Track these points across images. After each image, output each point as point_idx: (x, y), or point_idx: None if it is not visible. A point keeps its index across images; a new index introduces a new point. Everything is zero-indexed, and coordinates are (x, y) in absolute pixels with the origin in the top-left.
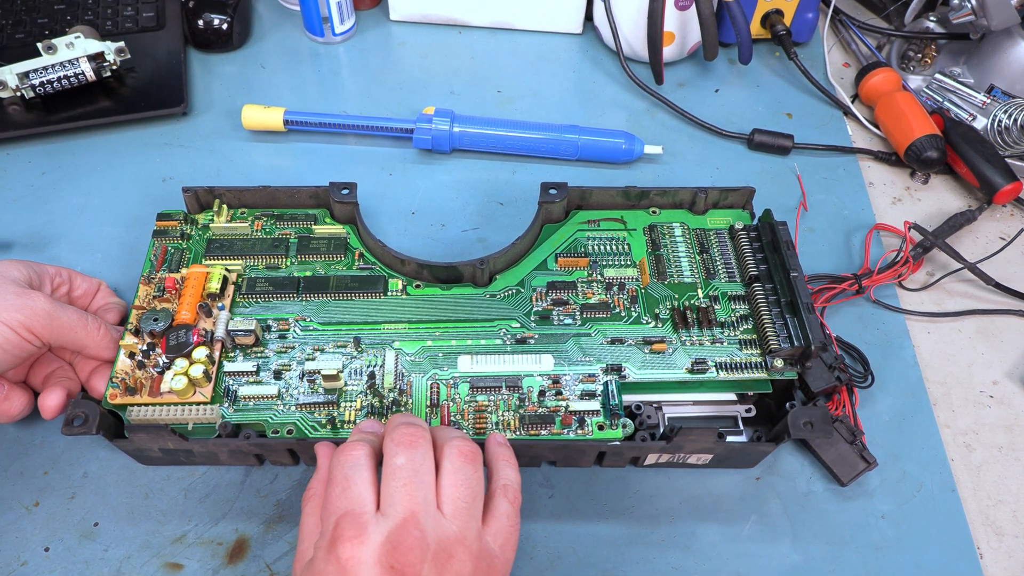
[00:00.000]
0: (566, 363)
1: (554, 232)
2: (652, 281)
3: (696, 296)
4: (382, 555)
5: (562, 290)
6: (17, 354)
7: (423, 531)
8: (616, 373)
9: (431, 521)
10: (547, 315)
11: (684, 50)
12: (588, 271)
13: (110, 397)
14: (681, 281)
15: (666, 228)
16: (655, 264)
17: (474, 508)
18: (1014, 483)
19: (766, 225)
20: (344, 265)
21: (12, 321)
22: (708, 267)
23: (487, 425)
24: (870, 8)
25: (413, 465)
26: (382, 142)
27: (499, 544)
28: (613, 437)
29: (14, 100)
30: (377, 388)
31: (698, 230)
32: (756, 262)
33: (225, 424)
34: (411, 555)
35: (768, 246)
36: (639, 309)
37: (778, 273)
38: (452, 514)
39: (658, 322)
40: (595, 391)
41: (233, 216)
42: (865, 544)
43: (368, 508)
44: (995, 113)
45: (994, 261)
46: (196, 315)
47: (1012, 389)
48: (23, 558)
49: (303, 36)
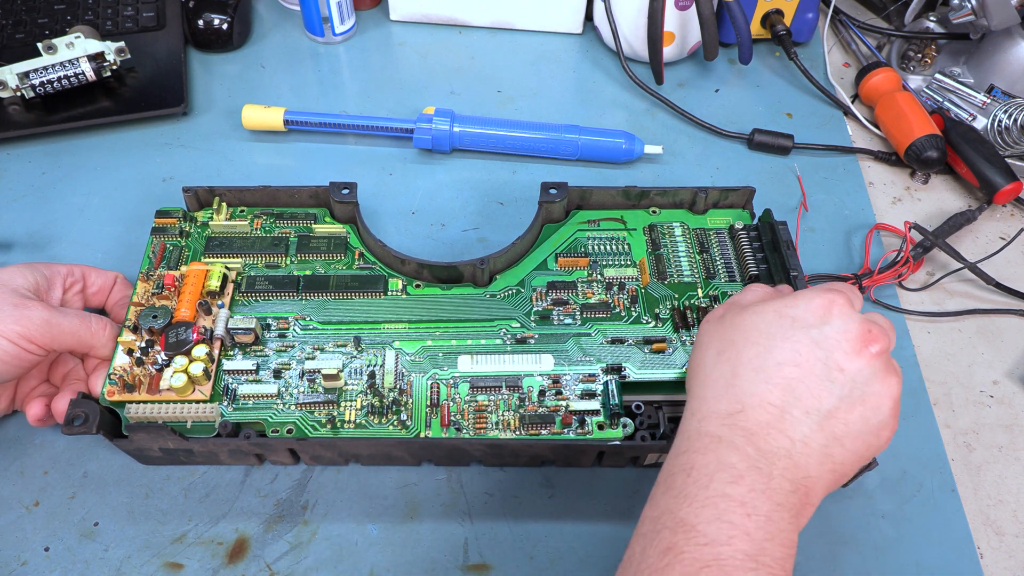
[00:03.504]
0: (566, 363)
1: (554, 232)
2: (652, 281)
3: (696, 296)
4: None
5: (562, 290)
6: (19, 364)
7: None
8: (616, 373)
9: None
10: (547, 315)
11: (684, 50)
12: (588, 271)
13: (108, 394)
14: (681, 281)
15: (666, 228)
16: (655, 264)
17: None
18: (1014, 483)
19: (766, 225)
20: (344, 264)
21: (9, 333)
22: (708, 267)
23: (487, 425)
24: (870, 8)
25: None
26: (382, 142)
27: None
28: (613, 437)
29: (14, 100)
30: (377, 388)
31: (698, 230)
32: (756, 262)
33: (225, 423)
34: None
35: (768, 246)
36: (639, 309)
37: (778, 273)
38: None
39: (658, 322)
40: (595, 391)
41: (232, 214)
42: (865, 544)
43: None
44: (995, 113)
45: (994, 261)
46: (196, 313)
47: (1012, 389)
48: (23, 558)
49: (303, 36)
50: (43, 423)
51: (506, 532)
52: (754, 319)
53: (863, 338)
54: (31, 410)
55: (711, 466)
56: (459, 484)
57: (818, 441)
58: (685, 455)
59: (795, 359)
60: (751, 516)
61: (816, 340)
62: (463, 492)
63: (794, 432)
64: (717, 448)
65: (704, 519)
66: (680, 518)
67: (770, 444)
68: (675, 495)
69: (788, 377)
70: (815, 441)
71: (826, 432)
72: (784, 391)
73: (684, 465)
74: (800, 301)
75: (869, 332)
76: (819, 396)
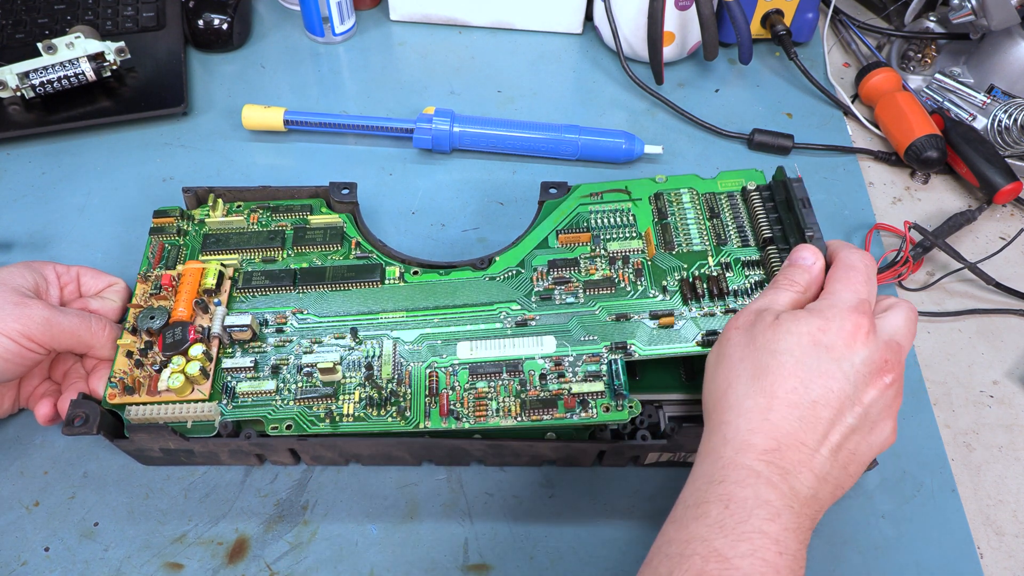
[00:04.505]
0: (568, 344)
1: (555, 208)
2: (658, 252)
3: (707, 264)
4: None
5: (564, 268)
6: (20, 363)
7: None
8: (622, 351)
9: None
10: (548, 295)
11: (684, 50)
12: (591, 246)
13: (109, 397)
14: (690, 250)
15: (673, 195)
16: (661, 234)
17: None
18: (1014, 483)
19: (779, 184)
20: (340, 255)
21: (10, 331)
22: (719, 233)
23: (487, 412)
24: (870, 8)
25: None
26: (382, 142)
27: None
28: (619, 419)
29: (14, 100)
30: (375, 379)
31: (707, 194)
32: (770, 223)
33: (225, 423)
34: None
35: (782, 205)
36: (645, 282)
37: (794, 234)
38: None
39: (666, 295)
40: (599, 371)
41: (229, 210)
42: (865, 544)
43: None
44: (995, 113)
45: (994, 261)
46: (193, 312)
47: (1012, 389)
48: (23, 558)
49: (303, 36)
50: (53, 422)
51: (506, 532)
52: (788, 342)
53: (881, 369)
54: (40, 410)
55: (750, 501)
56: (459, 484)
57: (833, 474)
58: (722, 485)
59: (827, 397)
60: (782, 555)
61: (847, 374)
62: (463, 492)
63: (820, 470)
64: (756, 483)
65: (739, 553)
66: (714, 548)
67: (801, 483)
68: (709, 524)
69: (820, 417)
70: (832, 475)
71: (838, 463)
72: (815, 430)
73: (721, 495)
74: (832, 325)
75: (886, 363)
76: (842, 432)
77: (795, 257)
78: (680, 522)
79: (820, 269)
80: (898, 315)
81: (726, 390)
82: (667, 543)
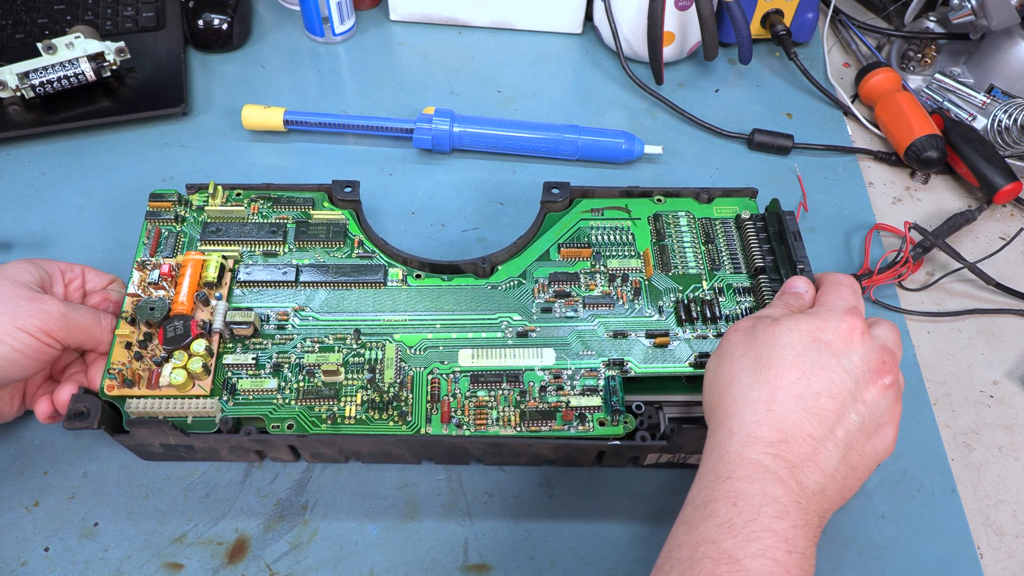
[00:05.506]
0: (567, 357)
1: (557, 221)
2: (656, 272)
3: (700, 288)
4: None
5: (564, 282)
6: (38, 358)
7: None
8: (618, 368)
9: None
10: (549, 308)
11: (684, 50)
12: (591, 262)
13: (107, 388)
14: (686, 272)
15: (671, 217)
16: (659, 255)
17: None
18: (1014, 483)
19: (773, 215)
20: (343, 253)
21: (29, 327)
22: (713, 258)
23: (487, 421)
24: (870, 8)
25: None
26: (382, 142)
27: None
28: (614, 434)
29: (14, 100)
30: (377, 382)
31: (704, 219)
32: (762, 253)
33: (226, 420)
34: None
35: (775, 236)
36: (642, 301)
37: (785, 266)
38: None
39: (662, 315)
40: (597, 386)
41: (228, 198)
42: (865, 544)
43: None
44: (995, 113)
45: (994, 261)
46: (193, 305)
47: (1012, 389)
48: (23, 558)
49: (303, 36)
50: (53, 419)
51: (506, 532)
52: (789, 337)
53: (880, 369)
54: (39, 408)
55: (757, 498)
56: (459, 484)
57: (841, 473)
58: (728, 481)
59: (831, 389)
60: (792, 553)
61: (847, 369)
62: (463, 492)
63: (826, 466)
64: (763, 479)
65: (749, 554)
66: (724, 549)
67: (808, 478)
68: (718, 524)
69: (824, 408)
70: (839, 474)
71: (846, 464)
72: (820, 422)
73: (728, 492)
74: (829, 324)
75: (884, 363)
76: (847, 429)
77: (789, 286)
78: (689, 523)
79: (812, 298)
80: (884, 327)
81: (729, 384)
82: (677, 547)
